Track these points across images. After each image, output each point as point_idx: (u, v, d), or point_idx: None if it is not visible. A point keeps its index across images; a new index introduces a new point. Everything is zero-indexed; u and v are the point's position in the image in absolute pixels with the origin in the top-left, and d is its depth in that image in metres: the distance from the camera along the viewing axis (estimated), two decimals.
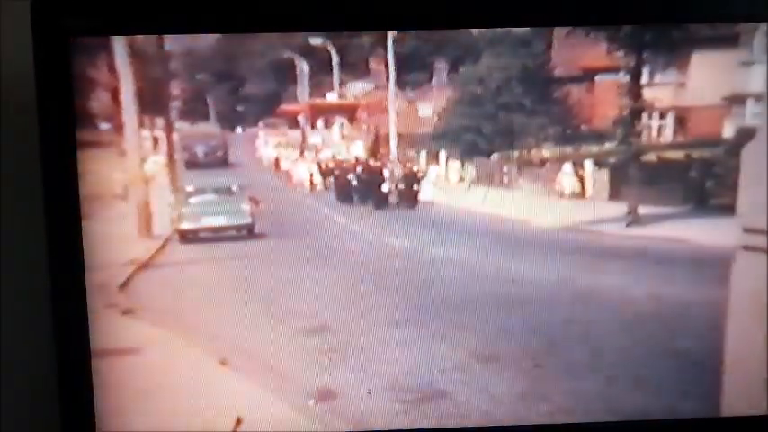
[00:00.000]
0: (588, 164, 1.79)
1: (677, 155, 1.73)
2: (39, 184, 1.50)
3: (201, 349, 1.68)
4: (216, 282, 1.73)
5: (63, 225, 1.52)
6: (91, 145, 1.54)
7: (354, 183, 1.88)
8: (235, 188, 1.85)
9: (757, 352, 1.60)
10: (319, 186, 1.91)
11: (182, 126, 1.76)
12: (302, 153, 1.94)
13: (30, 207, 1.60)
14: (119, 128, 1.63)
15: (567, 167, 1.79)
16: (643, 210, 1.76)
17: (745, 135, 1.61)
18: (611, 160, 1.77)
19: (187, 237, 1.79)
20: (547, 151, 1.81)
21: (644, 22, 1.59)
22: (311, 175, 1.93)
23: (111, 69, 1.60)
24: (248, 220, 1.82)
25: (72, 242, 1.53)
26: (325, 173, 1.92)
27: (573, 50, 1.70)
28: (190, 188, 1.82)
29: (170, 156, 1.76)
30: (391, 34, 1.68)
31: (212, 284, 1.72)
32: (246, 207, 1.81)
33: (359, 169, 1.88)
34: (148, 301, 1.70)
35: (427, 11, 1.53)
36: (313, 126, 1.90)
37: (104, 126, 1.62)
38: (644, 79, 1.70)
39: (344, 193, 1.90)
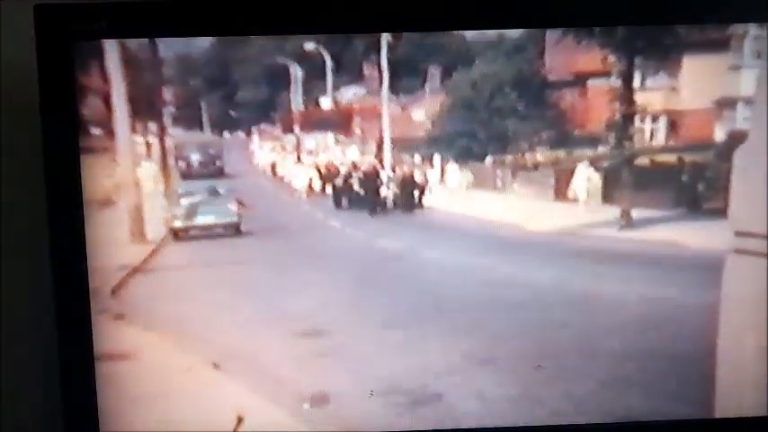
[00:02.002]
0: (584, 167, 1.80)
1: (669, 158, 1.74)
2: (41, 186, 1.51)
3: (194, 354, 1.68)
4: (209, 286, 1.74)
5: (66, 227, 1.54)
6: (84, 150, 1.55)
7: (356, 187, 1.89)
8: (222, 190, 1.89)
9: (749, 354, 1.61)
10: (318, 191, 1.92)
11: (176, 133, 1.77)
12: (299, 158, 1.95)
13: (31, 208, 1.61)
14: (111, 133, 1.63)
15: (581, 173, 1.79)
16: (636, 213, 1.77)
17: (736, 138, 1.62)
18: (605, 164, 1.77)
19: (179, 235, 1.82)
20: (541, 155, 1.81)
21: (637, 24, 1.61)
22: (310, 179, 1.94)
23: (104, 75, 1.61)
24: (235, 219, 1.86)
25: (75, 245, 1.55)
26: (324, 178, 1.92)
27: (565, 55, 1.71)
28: (181, 190, 1.85)
29: (163, 161, 1.78)
30: (385, 40, 1.69)
31: (205, 289, 1.73)
32: (233, 207, 1.86)
33: (356, 174, 1.89)
34: (140, 305, 1.70)
35: (421, 13, 1.54)
36: (308, 131, 1.91)
37: (97, 131, 1.62)
38: (636, 83, 1.71)
39: (341, 198, 1.90)
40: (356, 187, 1.90)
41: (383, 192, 1.88)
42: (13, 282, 1.77)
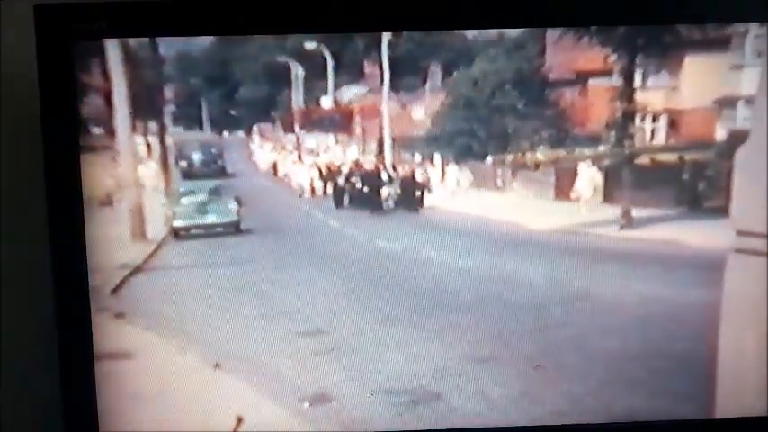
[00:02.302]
0: (586, 167, 1.79)
1: (670, 158, 1.73)
2: (41, 185, 1.52)
3: (195, 353, 1.68)
4: (210, 285, 1.74)
5: (66, 226, 1.54)
6: (85, 149, 1.55)
7: (358, 186, 1.89)
8: (223, 189, 1.90)
9: (750, 354, 1.61)
10: (319, 191, 1.92)
11: (176, 132, 1.77)
12: (299, 157, 1.95)
13: (31, 208, 1.61)
14: (112, 132, 1.64)
15: (584, 173, 1.79)
16: (636, 212, 1.77)
17: (737, 138, 1.61)
18: (605, 163, 1.77)
19: (180, 234, 1.83)
20: (541, 154, 1.81)
21: (638, 23, 1.60)
22: (311, 179, 1.94)
23: (104, 74, 1.61)
24: (235, 218, 1.87)
25: (76, 245, 1.55)
26: (324, 177, 1.92)
27: (566, 54, 1.70)
28: (182, 189, 1.86)
29: (164, 160, 1.78)
30: (386, 38, 1.69)
31: (206, 288, 1.73)
32: (233, 206, 1.87)
33: (357, 173, 1.89)
34: (141, 304, 1.70)
35: (422, 12, 1.54)
36: (309, 130, 1.91)
37: (98, 130, 1.62)
38: (637, 82, 1.71)
39: (342, 197, 1.90)
40: (357, 186, 1.89)
41: (384, 191, 1.88)
42: (13, 281, 1.77)
